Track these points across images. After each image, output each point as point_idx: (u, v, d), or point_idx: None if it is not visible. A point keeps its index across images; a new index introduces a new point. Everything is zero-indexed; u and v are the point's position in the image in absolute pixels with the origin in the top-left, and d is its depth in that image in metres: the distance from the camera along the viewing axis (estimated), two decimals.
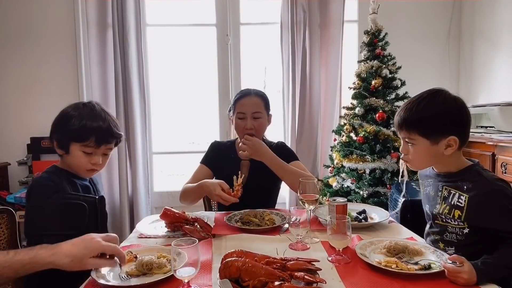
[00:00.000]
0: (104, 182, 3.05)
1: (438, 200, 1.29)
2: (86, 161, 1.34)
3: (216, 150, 1.91)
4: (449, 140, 1.20)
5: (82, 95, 3.11)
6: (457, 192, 1.22)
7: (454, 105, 1.22)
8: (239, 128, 1.77)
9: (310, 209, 1.31)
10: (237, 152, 1.87)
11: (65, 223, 1.25)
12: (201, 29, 3.29)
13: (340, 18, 3.03)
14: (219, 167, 1.85)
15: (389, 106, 2.59)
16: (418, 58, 3.20)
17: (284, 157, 1.79)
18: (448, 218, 1.24)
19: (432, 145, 1.22)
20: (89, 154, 1.33)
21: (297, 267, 1.01)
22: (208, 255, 1.21)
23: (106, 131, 1.34)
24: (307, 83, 3.06)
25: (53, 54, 3.08)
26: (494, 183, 1.17)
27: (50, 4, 3.05)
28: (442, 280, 1.01)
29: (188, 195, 1.72)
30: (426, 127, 1.21)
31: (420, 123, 1.22)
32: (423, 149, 1.24)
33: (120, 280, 1.04)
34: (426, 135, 1.22)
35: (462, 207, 1.20)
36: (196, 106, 3.39)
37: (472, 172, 1.23)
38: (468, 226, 1.20)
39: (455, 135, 1.20)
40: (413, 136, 1.24)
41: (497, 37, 2.83)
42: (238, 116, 1.75)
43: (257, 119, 1.75)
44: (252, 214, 1.55)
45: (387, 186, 2.44)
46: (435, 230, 1.31)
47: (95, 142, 1.32)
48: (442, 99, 1.22)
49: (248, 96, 1.77)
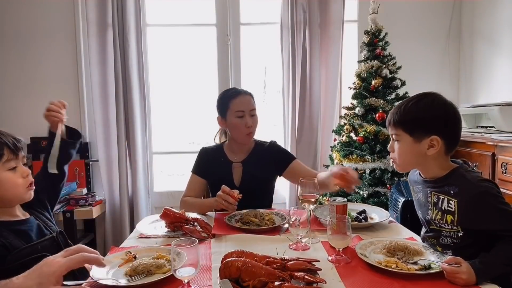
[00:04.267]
0: (104, 182, 3.05)
1: (429, 206, 1.30)
2: (18, 178, 1.19)
3: (205, 156, 1.90)
4: (432, 139, 1.21)
5: (82, 95, 3.11)
6: (445, 197, 1.23)
7: (441, 106, 1.23)
8: (239, 127, 1.76)
9: (310, 209, 1.32)
10: (226, 155, 1.86)
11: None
12: (201, 29, 3.29)
13: (340, 18, 3.03)
14: (210, 173, 1.85)
15: (389, 106, 2.59)
16: (418, 58, 3.20)
17: (282, 159, 1.81)
18: (442, 224, 1.24)
19: (414, 143, 1.24)
20: (15, 168, 1.19)
21: (297, 267, 1.01)
22: (208, 255, 1.22)
23: (9, 137, 1.20)
24: (307, 83, 3.05)
25: (53, 54, 3.08)
26: (479, 185, 1.17)
27: (50, 4, 3.04)
28: (442, 280, 1.01)
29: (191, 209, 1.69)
30: (410, 124, 1.25)
31: (405, 120, 1.25)
32: (406, 147, 1.26)
33: (120, 280, 1.04)
34: (409, 131, 1.24)
35: (453, 212, 1.20)
36: (196, 106, 3.39)
37: (456, 175, 1.23)
38: (462, 229, 1.20)
39: (438, 135, 1.21)
40: (399, 132, 1.27)
41: (497, 37, 2.82)
42: (237, 114, 1.75)
43: (253, 116, 1.79)
44: (252, 214, 1.55)
45: (387, 186, 2.44)
46: (430, 235, 1.32)
47: (11, 151, 1.18)
48: (430, 100, 1.24)
49: (242, 94, 1.79)
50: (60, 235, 1.30)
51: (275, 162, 1.84)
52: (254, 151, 1.86)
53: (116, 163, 3.04)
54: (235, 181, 1.81)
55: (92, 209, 2.83)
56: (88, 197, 2.90)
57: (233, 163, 1.84)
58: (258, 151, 1.86)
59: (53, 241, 1.26)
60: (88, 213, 2.83)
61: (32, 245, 1.18)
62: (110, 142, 3.03)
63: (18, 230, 1.19)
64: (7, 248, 1.11)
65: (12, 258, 1.11)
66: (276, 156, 1.85)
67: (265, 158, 1.83)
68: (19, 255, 1.12)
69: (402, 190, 2.04)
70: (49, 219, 1.37)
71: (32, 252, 1.16)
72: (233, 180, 1.81)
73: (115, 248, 1.28)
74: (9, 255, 1.11)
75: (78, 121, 3.11)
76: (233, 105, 1.76)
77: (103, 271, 1.08)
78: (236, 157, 1.85)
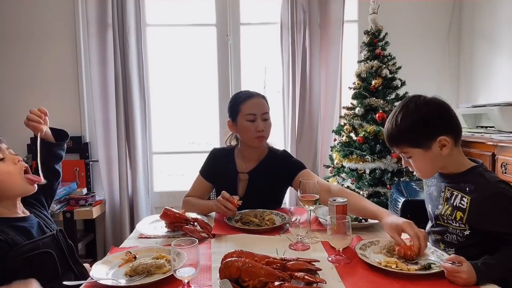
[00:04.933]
0: (104, 182, 3.05)
1: (440, 200, 1.29)
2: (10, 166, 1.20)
3: (214, 159, 1.84)
4: (440, 140, 1.20)
5: (82, 95, 3.11)
6: (459, 193, 1.22)
7: (426, 108, 1.22)
8: (249, 131, 1.68)
9: (310, 209, 1.31)
10: (235, 163, 1.80)
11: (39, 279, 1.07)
12: (201, 29, 3.29)
13: (340, 18, 3.03)
14: (217, 178, 1.82)
15: (389, 106, 2.59)
16: (418, 58, 3.20)
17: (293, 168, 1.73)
18: (450, 220, 1.24)
19: (426, 152, 1.22)
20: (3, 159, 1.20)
21: (297, 267, 1.01)
22: (208, 255, 1.22)
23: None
24: (307, 83, 3.05)
25: (53, 54, 3.08)
26: (497, 186, 1.17)
27: (50, 4, 3.04)
28: (442, 280, 1.01)
29: (192, 209, 1.69)
30: (411, 138, 1.23)
31: (404, 136, 1.23)
32: (420, 158, 1.24)
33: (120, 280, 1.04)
34: (415, 145, 1.23)
35: (464, 209, 1.20)
36: (196, 106, 3.39)
37: (475, 173, 1.22)
38: (470, 228, 1.19)
39: (442, 134, 1.20)
40: (405, 149, 1.25)
41: (497, 37, 2.82)
42: (248, 118, 1.67)
43: (266, 120, 1.70)
44: (252, 214, 1.56)
45: (387, 186, 2.44)
46: (436, 230, 1.31)
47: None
48: (414, 106, 1.22)
49: (255, 97, 1.71)
50: (60, 233, 1.31)
51: (283, 173, 1.74)
52: (264, 161, 1.78)
53: (116, 163, 3.03)
54: (239, 192, 1.75)
55: (92, 209, 2.83)
56: (88, 197, 2.90)
57: (239, 173, 1.77)
58: (268, 161, 1.78)
59: (53, 239, 1.27)
60: (88, 213, 2.83)
61: (34, 241, 1.19)
62: (110, 142, 3.03)
63: (19, 226, 1.20)
64: (9, 244, 1.12)
65: (14, 254, 1.12)
66: (285, 167, 1.74)
67: (273, 169, 1.74)
68: (21, 251, 1.13)
69: (402, 190, 2.04)
70: (48, 217, 1.38)
71: (34, 248, 1.17)
72: (238, 190, 1.76)
73: (115, 248, 1.28)
74: (11, 250, 1.11)
75: (78, 121, 3.11)
76: (245, 108, 1.68)
77: (103, 271, 1.08)
78: (245, 165, 1.78)
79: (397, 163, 2.45)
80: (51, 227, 1.33)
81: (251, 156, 1.78)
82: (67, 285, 1.03)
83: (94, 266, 1.10)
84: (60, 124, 1.50)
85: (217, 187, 1.85)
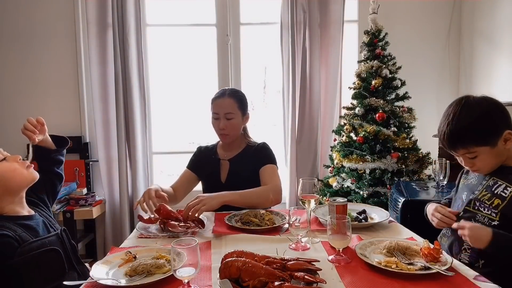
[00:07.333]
0: (104, 182, 3.05)
1: (479, 187, 1.31)
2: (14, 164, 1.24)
3: (199, 154, 2.00)
4: (505, 135, 1.23)
5: (82, 95, 3.11)
6: (504, 183, 1.24)
7: (486, 103, 1.25)
8: (215, 128, 1.87)
9: (310, 209, 1.32)
10: (217, 153, 1.95)
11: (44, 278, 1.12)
12: (201, 29, 3.29)
13: (340, 18, 3.03)
14: (201, 168, 1.95)
15: (389, 106, 2.59)
16: (418, 58, 3.20)
17: (260, 159, 1.85)
18: (482, 206, 1.25)
19: (493, 148, 1.25)
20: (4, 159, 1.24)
21: (297, 267, 1.01)
22: (208, 255, 1.22)
23: None
24: (307, 83, 3.05)
25: (53, 54, 3.08)
26: None
27: (50, 4, 3.04)
28: (442, 280, 1.01)
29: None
30: (481, 138, 1.24)
31: (470, 135, 1.24)
32: (488, 156, 1.26)
33: (120, 280, 1.04)
34: (484, 143, 1.24)
35: (504, 197, 1.22)
36: (196, 106, 3.39)
37: None
38: (500, 217, 1.20)
39: (506, 128, 1.23)
40: (473, 149, 1.26)
41: (497, 37, 2.82)
42: (213, 116, 1.86)
43: (229, 119, 1.83)
44: (252, 214, 1.55)
45: (387, 186, 2.44)
46: (463, 216, 1.31)
47: None
48: (473, 103, 1.26)
49: (222, 97, 1.85)
50: (63, 233, 1.34)
51: (257, 161, 1.86)
52: (243, 152, 1.92)
53: (116, 163, 3.03)
54: (221, 178, 1.88)
55: (92, 209, 2.83)
56: (88, 197, 2.90)
57: (221, 160, 1.91)
58: (247, 152, 1.92)
59: (58, 238, 1.29)
60: (88, 213, 2.83)
61: (41, 239, 1.22)
62: (110, 142, 3.03)
63: (26, 224, 1.23)
64: (17, 241, 1.14)
65: (22, 250, 1.13)
66: (258, 156, 1.87)
67: (251, 158, 1.88)
68: (30, 247, 1.16)
69: (402, 190, 2.04)
70: (52, 217, 1.41)
71: (42, 245, 1.20)
72: (220, 176, 1.88)
73: (115, 248, 1.28)
74: (20, 247, 1.13)
75: (78, 121, 3.11)
76: (213, 106, 1.87)
77: (103, 271, 1.08)
78: (226, 155, 1.93)
79: (397, 163, 2.45)
80: (55, 226, 1.36)
81: (229, 147, 1.94)
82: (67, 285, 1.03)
83: (94, 266, 1.10)
84: (60, 124, 1.52)
85: (202, 177, 1.95)
